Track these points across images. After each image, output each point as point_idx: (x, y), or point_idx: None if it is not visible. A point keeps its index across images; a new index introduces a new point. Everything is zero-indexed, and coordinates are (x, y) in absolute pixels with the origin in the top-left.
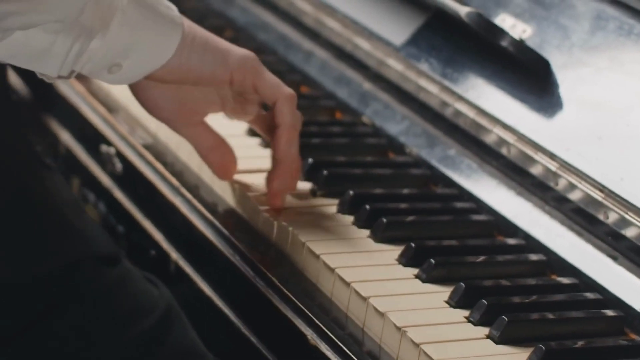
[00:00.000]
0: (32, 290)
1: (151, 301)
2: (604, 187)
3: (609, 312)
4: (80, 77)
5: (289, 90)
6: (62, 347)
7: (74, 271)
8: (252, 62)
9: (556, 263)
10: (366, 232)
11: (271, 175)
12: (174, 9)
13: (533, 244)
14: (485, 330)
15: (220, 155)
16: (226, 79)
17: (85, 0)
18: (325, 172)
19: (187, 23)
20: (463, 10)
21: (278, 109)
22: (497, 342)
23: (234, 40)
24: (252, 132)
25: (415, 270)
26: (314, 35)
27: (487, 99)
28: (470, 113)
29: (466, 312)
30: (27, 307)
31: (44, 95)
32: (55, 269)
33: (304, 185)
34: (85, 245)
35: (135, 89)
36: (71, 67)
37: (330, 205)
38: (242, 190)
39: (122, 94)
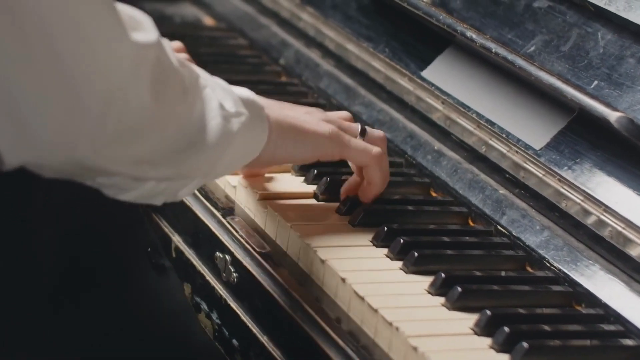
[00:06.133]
0: None
1: None
2: None
3: None
4: None
5: (375, 152)
6: None
7: None
8: (339, 139)
9: None
10: (505, 356)
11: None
12: (256, 99)
13: None
14: None
15: None
16: (315, 160)
17: (219, 155)
18: (459, 288)
19: (269, 108)
20: (613, 115)
21: (368, 173)
22: None
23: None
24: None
25: None
26: (444, 134)
27: (637, 210)
28: (618, 225)
29: None
30: None
31: None
32: None
33: (436, 300)
34: None
35: None
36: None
37: (465, 325)
38: (370, 306)
39: (239, 197)
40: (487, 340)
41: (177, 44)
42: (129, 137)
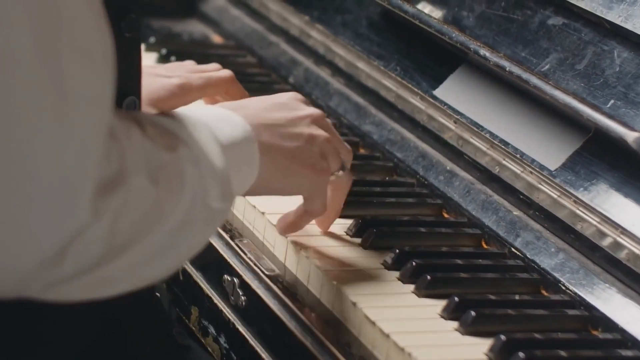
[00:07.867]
0: None
1: None
2: None
3: None
4: None
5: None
6: None
7: None
8: (323, 182)
9: None
10: None
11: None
12: (251, 140)
13: None
14: None
15: None
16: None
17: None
18: (472, 312)
19: (262, 142)
20: (630, 135)
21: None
22: None
23: (369, 159)
24: None
25: None
26: (457, 154)
27: None
28: (635, 248)
29: None
30: None
31: None
32: None
33: (449, 325)
34: None
35: None
36: None
37: (479, 351)
38: (381, 331)
39: (247, 219)
40: None
41: (216, 65)
42: (89, 268)
